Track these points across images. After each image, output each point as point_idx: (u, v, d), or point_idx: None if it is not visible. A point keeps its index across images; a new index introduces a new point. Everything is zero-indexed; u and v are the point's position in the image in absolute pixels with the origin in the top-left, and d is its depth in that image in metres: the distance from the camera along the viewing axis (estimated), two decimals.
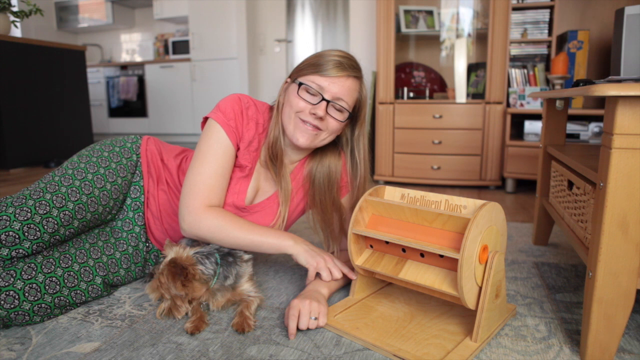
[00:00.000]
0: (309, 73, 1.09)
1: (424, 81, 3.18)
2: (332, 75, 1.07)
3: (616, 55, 2.15)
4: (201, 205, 1.07)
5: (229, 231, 1.07)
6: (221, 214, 1.08)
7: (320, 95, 1.08)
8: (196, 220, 1.06)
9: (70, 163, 1.17)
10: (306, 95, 1.09)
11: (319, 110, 1.07)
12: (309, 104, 1.08)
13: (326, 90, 1.08)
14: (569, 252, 1.58)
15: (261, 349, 0.93)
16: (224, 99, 1.13)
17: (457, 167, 2.80)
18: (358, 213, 1.06)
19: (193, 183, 1.08)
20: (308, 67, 1.10)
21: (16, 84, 3.37)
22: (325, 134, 1.12)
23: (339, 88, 1.08)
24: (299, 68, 1.13)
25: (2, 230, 0.98)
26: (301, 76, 1.11)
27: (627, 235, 0.81)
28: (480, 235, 0.90)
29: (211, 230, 1.06)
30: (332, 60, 1.08)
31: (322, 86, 1.07)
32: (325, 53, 1.10)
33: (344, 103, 1.10)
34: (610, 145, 0.80)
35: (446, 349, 0.91)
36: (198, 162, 1.09)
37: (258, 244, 1.09)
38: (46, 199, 1.06)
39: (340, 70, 1.08)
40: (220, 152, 1.09)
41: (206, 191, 1.08)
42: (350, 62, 1.10)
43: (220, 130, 1.09)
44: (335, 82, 1.08)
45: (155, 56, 5.83)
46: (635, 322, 1.06)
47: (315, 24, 4.56)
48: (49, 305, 1.02)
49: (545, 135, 1.59)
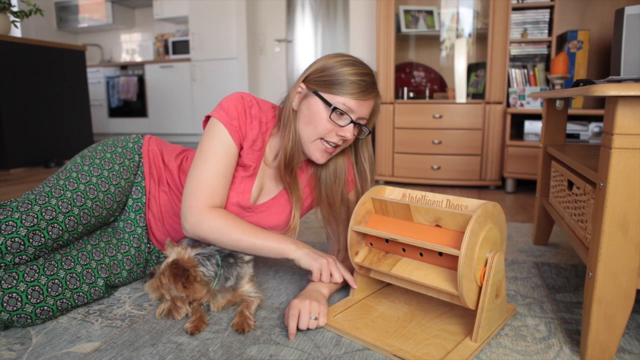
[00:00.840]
0: (336, 92, 1.05)
1: (424, 81, 3.18)
2: (361, 98, 1.05)
3: (616, 55, 2.15)
4: (204, 205, 1.06)
5: (231, 233, 1.06)
6: (224, 215, 1.07)
7: (349, 118, 1.06)
8: (199, 221, 1.06)
9: (74, 165, 1.17)
10: (335, 117, 1.06)
11: (348, 133, 1.07)
12: (337, 126, 1.07)
13: (355, 112, 1.06)
14: (569, 252, 1.58)
15: (261, 349, 0.93)
16: (227, 98, 1.11)
17: (457, 167, 2.80)
18: (358, 211, 1.06)
19: (195, 183, 1.07)
20: (332, 84, 1.05)
21: (16, 84, 3.37)
22: (340, 148, 1.13)
23: (368, 110, 1.09)
24: (318, 79, 1.07)
25: (8, 236, 0.97)
26: (324, 92, 1.06)
27: (627, 235, 0.81)
28: (481, 232, 0.90)
29: (213, 231, 1.06)
30: (360, 83, 1.05)
31: (351, 108, 1.05)
32: (348, 71, 1.05)
33: (365, 121, 1.11)
34: (610, 145, 0.80)
35: (446, 349, 0.91)
36: (200, 162, 1.08)
37: (259, 247, 1.08)
38: (52, 204, 1.06)
39: (371, 91, 1.07)
40: (223, 151, 1.08)
41: (209, 192, 1.07)
42: (373, 80, 1.09)
43: (222, 129, 1.08)
44: (363, 105, 1.07)
45: (155, 56, 5.84)
46: (635, 322, 1.06)
47: (315, 24, 4.56)
48: (51, 308, 1.02)
49: (545, 135, 1.59)
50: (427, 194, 1.06)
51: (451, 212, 0.94)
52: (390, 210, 1.05)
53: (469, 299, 0.90)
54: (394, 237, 1.00)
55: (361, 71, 1.06)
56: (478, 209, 0.90)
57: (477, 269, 0.91)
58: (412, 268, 0.99)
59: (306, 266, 1.10)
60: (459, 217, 0.93)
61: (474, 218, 0.88)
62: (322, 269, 1.10)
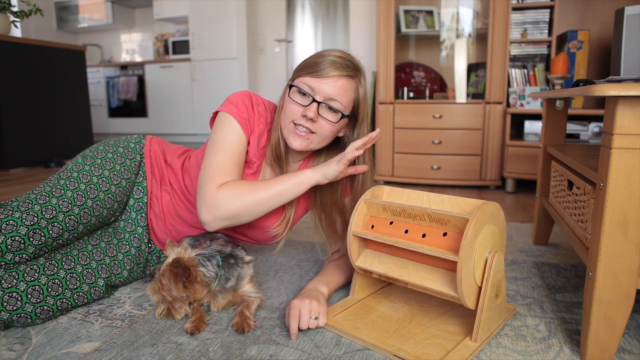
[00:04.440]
0: (302, 75, 1.07)
1: (424, 81, 3.18)
2: (324, 75, 1.04)
3: (616, 55, 2.15)
4: (215, 186, 1.04)
5: (247, 195, 1.04)
6: (233, 184, 1.05)
7: (311, 97, 1.05)
8: (213, 201, 1.03)
9: (75, 165, 1.17)
10: (298, 97, 1.07)
11: (310, 112, 1.04)
12: (301, 106, 1.06)
13: (317, 91, 1.05)
14: (569, 252, 1.58)
15: (261, 349, 0.93)
16: (235, 94, 1.12)
17: (457, 167, 2.80)
18: (357, 214, 1.06)
19: (207, 170, 1.06)
20: (303, 68, 1.08)
21: (16, 84, 3.37)
22: (318, 137, 1.09)
23: (331, 88, 1.05)
24: (295, 70, 1.11)
25: (8, 235, 0.97)
26: (296, 78, 1.09)
27: (627, 235, 0.81)
28: (480, 233, 0.90)
29: (230, 202, 1.03)
30: (326, 61, 1.05)
31: (313, 87, 1.05)
32: (321, 53, 1.08)
33: (337, 103, 1.06)
34: (610, 145, 0.80)
35: (446, 349, 0.91)
36: (212, 152, 1.07)
37: (280, 192, 1.06)
38: (52, 203, 1.06)
39: (333, 70, 1.05)
40: (235, 141, 1.08)
41: (220, 175, 1.05)
42: (345, 62, 1.07)
43: (233, 121, 1.08)
44: (327, 83, 1.05)
45: (155, 56, 5.83)
46: (635, 322, 1.06)
47: (315, 24, 4.56)
48: (51, 308, 1.02)
49: (545, 135, 1.59)
50: (425, 193, 1.06)
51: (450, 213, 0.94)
52: (389, 211, 1.05)
53: (468, 299, 0.90)
54: (394, 242, 1.00)
55: (333, 54, 1.07)
56: (477, 209, 0.90)
57: (476, 269, 0.91)
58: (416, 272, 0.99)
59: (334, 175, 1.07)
60: (458, 217, 0.92)
61: (473, 219, 0.88)
62: (349, 158, 1.06)
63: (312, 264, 1.44)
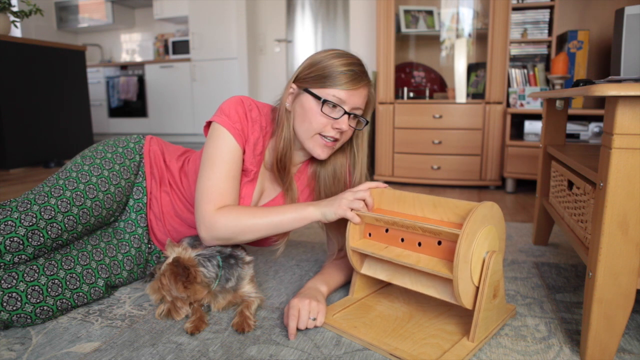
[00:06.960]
0: (325, 86, 1.05)
1: (424, 81, 3.18)
2: (351, 88, 1.05)
3: (616, 55, 2.15)
4: (213, 208, 1.04)
5: (245, 221, 1.04)
6: (233, 208, 1.05)
7: (342, 109, 1.05)
8: (211, 223, 1.04)
9: (74, 165, 1.17)
10: (327, 109, 1.06)
11: (343, 124, 1.06)
12: (331, 119, 1.06)
13: (347, 102, 1.06)
14: (569, 252, 1.58)
15: (261, 349, 0.93)
16: (226, 102, 1.10)
17: (457, 167, 2.80)
18: (351, 227, 1.05)
19: (204, 189, 1.06)
20: (321, 78, 1.05)
21: (16, 84, 3.37)
22: (340, 142, 1.12)
23: (358, 99, 1.07)
24: (307, 76, 1.07)
25: (7, 236, 0.97)
26: (314, 87, 1.06)
27: (627, 235, 0.81)
28: (477, 234, 0.90)
29: (228, 226, 1.04)
30: (348, 72, 1.05)
31: (343, 99, 1.05)
32: (335, 63, 1.05)
33: (361, 111, 1.10)
34: (610, 145, 0.80)
35: (443, 349, 0.91)
36: (207, 168, 1.07)
37: (278, 223, 1.06)
38: (51, 203, 1.06)
39: (359, 82, 1.06)
40: (229, 155, 1.07)
41: (218, 196, 1.05)
42: (362, 69, 1.08)
43: (226, 133, 1.07)
44: (356, 94, 1.06)
45: (155, 56, 5.83)
46: (635, 322, 1.06)
47: (315, 24, 4.56)
48: (50, 308, 1.02)
49: (545, 135, 1.59)
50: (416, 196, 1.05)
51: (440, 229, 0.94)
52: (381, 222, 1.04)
53: (465, 299, 0.90)
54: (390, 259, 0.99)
55: (349, 61, 1.06)
56: (474, 210, 0.90)
57: (474, 269, 0.91)
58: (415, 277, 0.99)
59: (334, 218, 1.06)
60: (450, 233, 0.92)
61: (463, 234, 0.87)
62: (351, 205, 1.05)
63: (312, 264, 1.44)
